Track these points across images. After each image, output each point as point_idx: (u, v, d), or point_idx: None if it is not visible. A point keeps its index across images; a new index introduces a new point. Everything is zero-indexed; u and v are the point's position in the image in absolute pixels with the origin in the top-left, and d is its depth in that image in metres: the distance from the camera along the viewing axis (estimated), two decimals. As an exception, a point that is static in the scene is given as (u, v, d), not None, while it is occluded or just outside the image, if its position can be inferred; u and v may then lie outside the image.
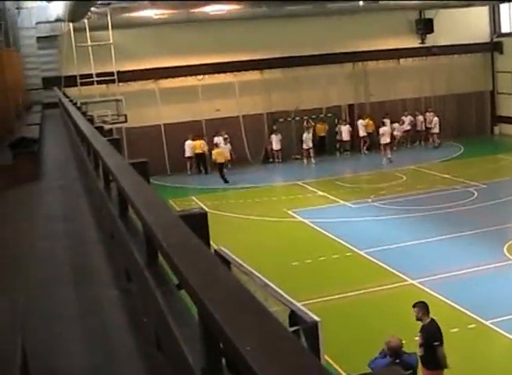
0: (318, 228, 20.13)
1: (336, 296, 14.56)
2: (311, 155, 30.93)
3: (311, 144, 30.91)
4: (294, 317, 4.98)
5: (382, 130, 30.71)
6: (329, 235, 19.23)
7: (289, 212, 22.33)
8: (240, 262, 5.92)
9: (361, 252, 17.41)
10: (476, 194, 22.86)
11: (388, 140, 30.37)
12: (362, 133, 32.22)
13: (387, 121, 31.77)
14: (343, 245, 18.11)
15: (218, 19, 29.80)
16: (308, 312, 5.06)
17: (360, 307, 14.13)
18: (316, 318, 4.92)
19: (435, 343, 9.59)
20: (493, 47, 34.98)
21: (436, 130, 32.39)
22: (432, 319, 9.92)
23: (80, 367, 3.79)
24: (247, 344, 1.82)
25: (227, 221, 21.72)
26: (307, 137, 30.87)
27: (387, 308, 13.93)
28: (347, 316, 13.56)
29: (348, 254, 17.49)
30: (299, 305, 5.22)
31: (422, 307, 9.99)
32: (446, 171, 27.01)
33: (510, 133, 34.00)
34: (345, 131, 32.06)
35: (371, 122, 32.26)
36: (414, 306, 10.12)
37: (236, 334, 1.90)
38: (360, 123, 32.27)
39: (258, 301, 2.13)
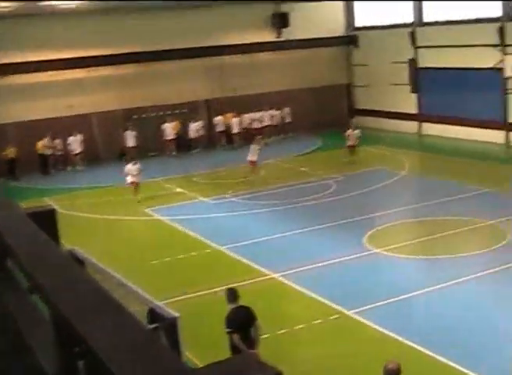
0: (176, 225, 20.01)
1: (197, 293, 14.51)
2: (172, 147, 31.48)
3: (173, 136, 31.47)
4: (153, 314, 4.92)
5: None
6: (188, 232, 19.17)
7: (147, 210, 22.04)
8: (95, 261, 5.77)
9: (221, 248, 17.48)
10: (334, 186, 23.48)
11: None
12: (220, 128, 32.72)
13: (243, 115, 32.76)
14: (203, 242, 18.12)
15: (68, 12, 28.84)
16: (167, 308, 5.02)
17: (222, 304, 14.16)
18: (175, 314, 4.89)
19: (226, 329, 9.79)
20: (349, 40, 36.36)
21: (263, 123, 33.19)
22: (237, 308, 10.00)
23: None
24: (103, 344, 1.76)
25: (82, 222, 21.08)
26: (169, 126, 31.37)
27: (249, 303, 14.03)
28: (208, 313, 13.55)
29: (208, 250, 17.48)
30: (157, 302, 5.16)
31: (226, 294, 10.24)
32: (304, 164, 27.56)
33: (366, 125, 35.32)
34: (192, 129, 32.08)
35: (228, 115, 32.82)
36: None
37: (92, 335, 1.83)
38: (218, 119, 32.61)
39: (114, 301, 2.07)
